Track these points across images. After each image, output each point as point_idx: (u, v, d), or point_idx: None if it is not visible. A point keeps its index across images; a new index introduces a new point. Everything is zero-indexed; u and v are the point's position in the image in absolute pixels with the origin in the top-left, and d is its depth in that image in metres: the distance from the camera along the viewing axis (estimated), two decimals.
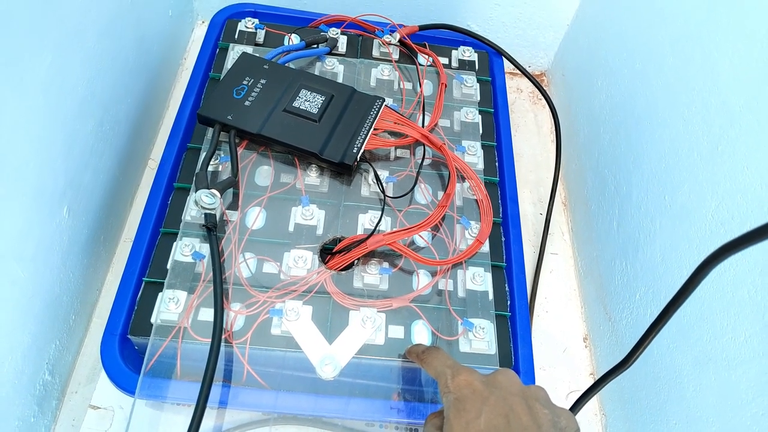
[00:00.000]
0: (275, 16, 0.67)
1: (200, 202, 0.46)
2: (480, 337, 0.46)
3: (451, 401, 0.34)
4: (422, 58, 0.63)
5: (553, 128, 0.71)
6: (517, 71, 0.70)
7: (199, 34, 0.81)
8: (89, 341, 0.57)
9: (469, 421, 0.32)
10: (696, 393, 0.45)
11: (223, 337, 0.43)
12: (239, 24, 0.63)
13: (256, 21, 0.63)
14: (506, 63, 0.69)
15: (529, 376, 0.47)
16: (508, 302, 0.50)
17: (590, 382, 0.61)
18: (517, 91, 0.84)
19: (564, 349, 0.63)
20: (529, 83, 0.83)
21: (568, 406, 0.37)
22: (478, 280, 0.49)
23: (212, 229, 0.45)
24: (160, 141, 0.71)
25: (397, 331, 0.46)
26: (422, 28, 0.65)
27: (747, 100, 0.43)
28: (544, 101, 0.81)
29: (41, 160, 0.45)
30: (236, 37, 0.62)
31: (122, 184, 0.63)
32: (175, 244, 0.47)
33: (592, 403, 0.59)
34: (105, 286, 0.61)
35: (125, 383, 0.44)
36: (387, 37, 0.63)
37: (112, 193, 0.60)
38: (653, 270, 0.52)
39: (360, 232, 0.50)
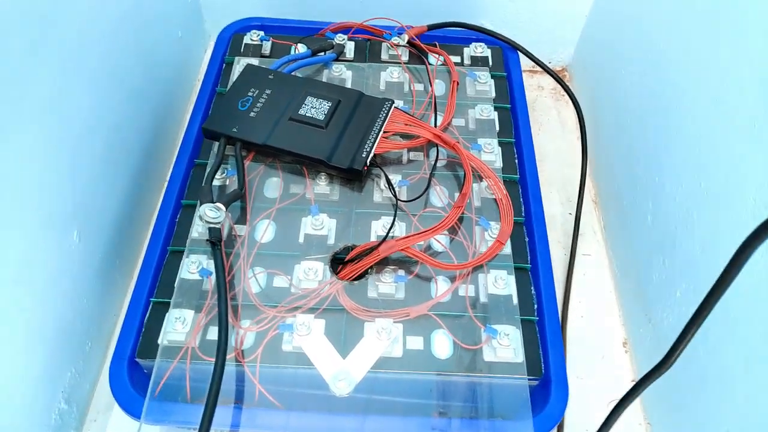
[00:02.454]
0: (282, 28, 0.66)
1: (204, 216, 0.44)
2: (505, 345, 0.43)
3: None
4: (432, 58, 0.61)
5: (578, 124, 0.68)
6: (538, 68, 0.67)
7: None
8: (108, 368, 0.56)
9: None
10: (749, 396, 0.40)
11: (232, 355, 0.41)
12: (245, 37, 0.62)
13: (262, 33, 0.62)
14: (526, 61, 0.66)
15: (561, 385, 0.43)
16: (535, 306, 0.47)
17: None
18: (539, 89, 0.81)
19: (602, 355, 0.59)
20: (551, 80, 0.81)
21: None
22: (501, 283, 0.46)
23: (217, 243, 0.44)
24: None
25: (416, 342, 0.43)
26: (431, 27, 0.63)
27: None
28: (567, 97, 0.78)
29: (45, 185, 0.45)
30: (242, 50, 0.61)
31: (137, 207, 0.62)
32: (182, 261, 0.46)
33: (636, 412, 0.55)
34: (123, 312, 0.59)
35: (136, 409, 0.42)
36: (395, 39, 0.61)
37: (126, 217, 0.59)
38: (693, 264, 0.48)
39: (373, 239, 0.48)
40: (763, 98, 0.41)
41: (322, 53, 0.60)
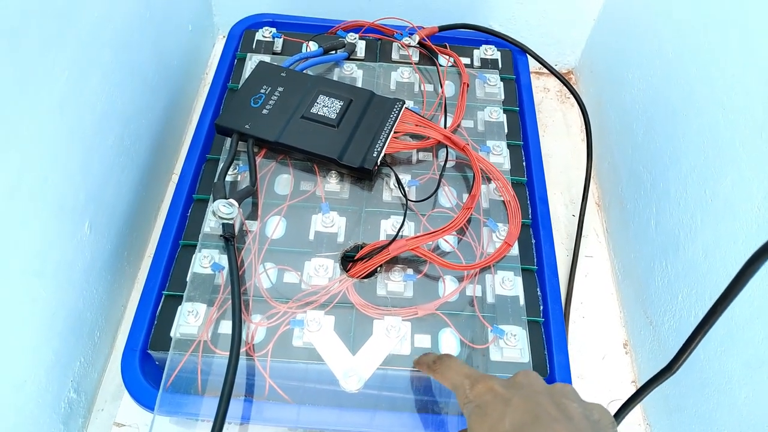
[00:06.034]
0: (293, 25, 0.66)
1: (218, 212, 0.45)
2: (512, 345, 0.43)
3: (472, 410, 0.32)
4: (443, 59, 0.62)
5: (583, 126, 0.69)
6: (544, 70, 0.68)
7: (220, 48, 0.81)
8: (115, 358, 0.57)
9: (492, 425, 0.30)
10: (749, 400, 0.41)
11: (243, 350, 0.42)
12: (256, 34, 0.62)
13: (274, 30, 0.62)
14: (532, 62, 0.67)
15: None
16: (541, 307, 0.48)
17: (632, 390, 0.57)
18: (544, 91, 0.81)
19: (603, 356, 0.60)
20: (557, 82, 0.81)
21: None
22: (508, 284, 0.46)
23: (230, 239, 0.44)
24: (184, 155, 0.71)
25: (423, 341, 0.44)
26: (442, 28, 0.64)
27: None
28: (572, 100, 0.79)
29: (59, 176, 0.45)
30: (254, 47, 0.62)
31: (146, 199, 0.63)
32: (194, 255, 0.46)
33: (635, 413, 0.56)
34: (130, 303, 0.60)
35: (147, 400, 0.43)
36: (406, 40, 0.62)
37: (135, 208, 0.59)
38: (696, 269, 0.49)
39: (383, 238, 0.49)
40: None
41: (334, 52, 0.60)
